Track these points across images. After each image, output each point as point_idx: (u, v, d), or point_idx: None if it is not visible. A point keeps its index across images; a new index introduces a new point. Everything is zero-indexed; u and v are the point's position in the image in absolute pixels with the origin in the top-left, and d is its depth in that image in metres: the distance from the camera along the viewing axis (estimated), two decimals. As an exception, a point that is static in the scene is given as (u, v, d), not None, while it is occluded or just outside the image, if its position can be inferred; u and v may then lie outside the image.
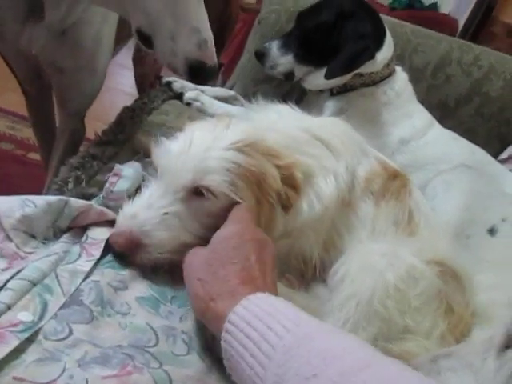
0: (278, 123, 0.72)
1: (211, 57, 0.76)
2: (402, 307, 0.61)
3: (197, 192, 0.60)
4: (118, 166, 0.67)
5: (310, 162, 0.67)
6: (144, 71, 1.78)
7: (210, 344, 0.54)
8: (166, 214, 0.59)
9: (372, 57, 1.11)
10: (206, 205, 0.60)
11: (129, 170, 0.66)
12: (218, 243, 0.53)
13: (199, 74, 0.76)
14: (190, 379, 0.47)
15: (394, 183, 0.76)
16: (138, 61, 1.78)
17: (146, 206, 0.60)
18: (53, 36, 0.93)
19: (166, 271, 0.61)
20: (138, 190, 0.67)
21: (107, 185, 0.64)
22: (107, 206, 0.63)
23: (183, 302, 0.58)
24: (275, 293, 0.49)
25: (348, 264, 0.65)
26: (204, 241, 0.59)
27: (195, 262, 0.53)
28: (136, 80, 1.83)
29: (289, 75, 1.21)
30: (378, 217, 0.72)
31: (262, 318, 0.42)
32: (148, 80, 1.81)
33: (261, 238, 0.54)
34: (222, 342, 0.45)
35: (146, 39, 0.77)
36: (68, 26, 0.92)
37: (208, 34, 0.75)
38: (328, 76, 1.11)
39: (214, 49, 0.77)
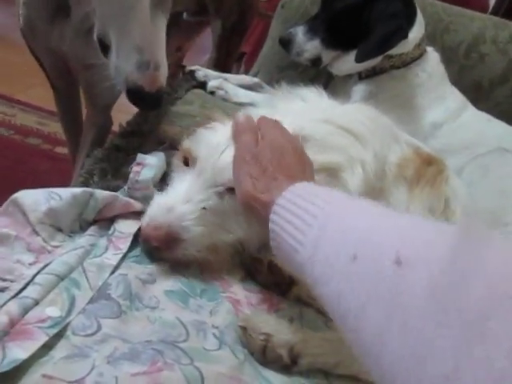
0: (301, 114, 0.69)
1: (152, 82, 0.67)
2: None
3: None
4: (141, 156, 0.66)
5: (336, 158, 0.65)
6: None
7: (241, 338, 0.52)
8: (204, 209, 0.57)
9: (405, 36, 1.06)
10: None
11: (152, 159, 0.65)
12: (268, 146, 0.55)
13: (136, 98, 0.68)
14: (222, 376, 0.46)
15: (428, 169, 0.72)
16: None
17: (185, 200, 0.57)
18: (79, 34, 0.91)
19: (196, 267, 0.59)
20: (163, 179, 0.65)
21: (131, 175, 0.62)
22: (132, 197, 0.62)
23: (213, 296, 0.57)
24: None
25: None
26: (238, 241, 0.59)
27: (247, 158, 0.55)
28: None
29: (316, 61, 1.17)
30: (412, 203, 0.69)
31: (306, 198, 0.46)
32: (169, 71, 1.81)
33: (302, 149, 0.59)
34: (269, 224, 0.48)
35: (104, 48, 0.72)
36: (92, 24, 0.91)
37: (154, 56, 0.67)
38: (359, 59, 1.07)
39: (163, 74, 0.69)
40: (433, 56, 1.18)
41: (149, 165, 0.63)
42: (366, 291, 0.34)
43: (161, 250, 0.56)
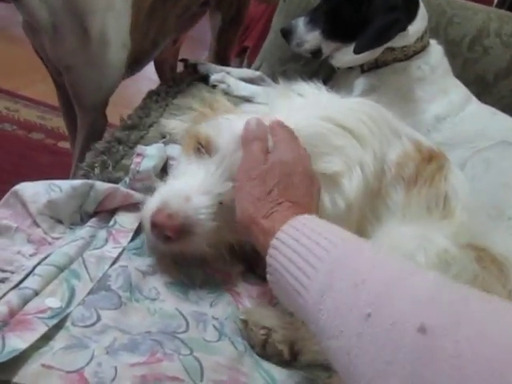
0: (300, 111, 0.67)
1: None
2: None
3: None
4: (141, 147, 0.66)
5: (335, 165, 0.63)
6: (162, 56, 1.77)
7: (242, 332, 0.52)
8: (220, 203, 0.55)
9: (403, 29, 1.05)
10: None
11: (152, 150, 0.65)
12: (277, 164, 0.52)
13: None
14: (221, 367, 0.46)
15: (428, 167, 0.71)
16: None
17: (203, 190, 0.54)
18: (51, 35, 0.89)
19: (197, 260, 0.58)
20: (163, 170, 0.65)
21: (133, 166, 0.62)
22: (134, 188, 0.62)
23: (213, 288, 0.57)
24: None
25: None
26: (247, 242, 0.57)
27: (252, 175, 0.52)
28: (155, 66, 1.82)
29: (316, 52, 1.16)
30: (409, 204, 0.68)
31: (309, 236, 0.43)
32: (167, 64, 1.80)
33: (313, 174, 0.56)
34: (267, 257, 0.46)
35: None
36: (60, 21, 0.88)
37: None
38: (357, 50, 1.06)
39: None
40: (436, 49, 1.16)
41: (149, 155, 0.63)
42: (383, 357, 0.31)
43: (170, 240, 0.53)
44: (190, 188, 0.54)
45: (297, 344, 0.51)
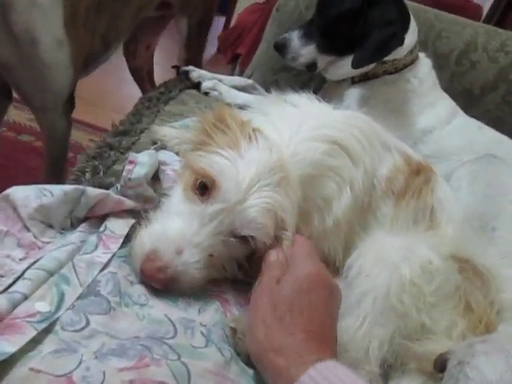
0: (297, 134, 0.65)
1: None
2: (418, 303, 0.58)
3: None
4: (132, 154, 0.66)
5: (327, 187, 0.64)
6: (137, 64, 1.74)
7: (230, 339, 0.53)
8: (211, 256, 0.56)
9: (401, 43, 1.08)
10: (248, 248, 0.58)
11: (144, 157, 0.65)
12: (290, 283, 0.50)
13: None
14: (208, 372, 0.46)
15: (416, 179, 0.73)
16: (129, 55, 1.73)
17: (195, 243, 0.54)
18: None
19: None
20: (154, 177, 0.65)
21: (124, 173, 0.62)
22: (125, 195, 0.62)
23: (201, 295, 0.57)
24: (335, 346, 0.49)
25: (362, 258, 0.63)
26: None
27: (264, 299, 0.50)
28: (132, 73, 1.80)
29: (311, 66, 1.18)
30: (397, 216, 0.70)
31: None
32: (143, 71, 1.78)
33: (331, 285, 0.53)
34: None
35: None
36: None
37: None
38: (356, 65, 1.08)
39: None
40: (425, 62, 1.19)
41: (141, 163, 0.64)
42: None
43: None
44: (182, 238, 0.54)
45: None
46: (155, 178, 0.68)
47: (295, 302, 0.48)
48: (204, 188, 0.58)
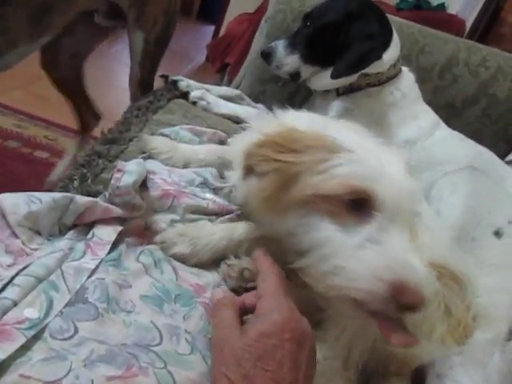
0: None
1: None
2: None
3: None
4: (121, 162, 0.67)
5: None
6: (60, 74, 1.54)
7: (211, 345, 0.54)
8: None
9: (379, 57, 1.11)
10: None
11: (132, 166, 0.66)
12: (255, 340, 0.48)
13: None
14: (192, 382, 0.48)
15: None
16: (48, 65, 1.51)
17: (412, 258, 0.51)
18: None
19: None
20: (142, 185, 0.66)
21: (113, 181, 0.63)
22: (113, 203, 0.63)
23: (187, 301, 0.58)
24: None
25: None
26: None
27: (227, 354, 0.48)
28: (57, 87, 1.58)
29: (295, 75, 1.21)
30: None
31: None
32: (68, 80, 1.58)
33: (302, 332, 0.50)
34: None
35: None
36: None
37: None
38: (334, 76, 1.11)
39: None
40: (408, 76, 1.22)
41: (129, 171, 0.65)
42: None
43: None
44: (405, 251, 0.51)
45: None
46: (143, 186, 0.69)
47: (260, 360, 0.46)
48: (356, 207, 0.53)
